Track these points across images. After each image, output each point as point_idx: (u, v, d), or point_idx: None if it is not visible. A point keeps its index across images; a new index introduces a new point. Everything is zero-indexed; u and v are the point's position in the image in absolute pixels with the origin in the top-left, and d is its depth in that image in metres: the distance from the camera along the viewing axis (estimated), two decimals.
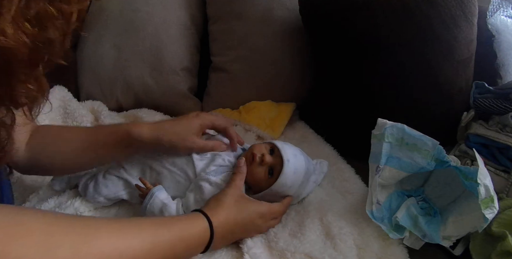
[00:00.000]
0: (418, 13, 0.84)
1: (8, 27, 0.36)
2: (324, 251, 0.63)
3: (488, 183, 0.61)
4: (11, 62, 0.39)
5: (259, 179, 0.69)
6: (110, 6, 1.22)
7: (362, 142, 0.73)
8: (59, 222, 0.45)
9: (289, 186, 0.69)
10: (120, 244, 0.47)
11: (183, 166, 0.70)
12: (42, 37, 0.40)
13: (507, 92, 0.79)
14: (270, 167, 0.69)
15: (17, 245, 0.39)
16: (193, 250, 0.59)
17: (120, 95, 1.15)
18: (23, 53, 0.39)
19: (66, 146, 0.69)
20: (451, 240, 0.66)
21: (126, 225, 0.51)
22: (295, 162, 0.69)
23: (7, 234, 0.39)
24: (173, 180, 0.71)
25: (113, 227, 0.49)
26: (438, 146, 0.66)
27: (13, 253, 0.38)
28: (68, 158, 0.69)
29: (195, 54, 1.20)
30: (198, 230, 0.58)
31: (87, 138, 0.69)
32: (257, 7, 1.09)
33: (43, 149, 0.67)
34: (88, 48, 1.19)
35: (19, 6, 0.36)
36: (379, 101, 0.89)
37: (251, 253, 0.61)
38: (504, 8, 0.93)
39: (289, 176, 0.68)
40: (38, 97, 0.47)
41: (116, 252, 0.46)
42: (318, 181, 0.78)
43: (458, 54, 0.86)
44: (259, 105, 1.07)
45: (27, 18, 0.38)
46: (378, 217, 0.69)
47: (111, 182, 0.72)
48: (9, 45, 0.37)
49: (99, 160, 0.72)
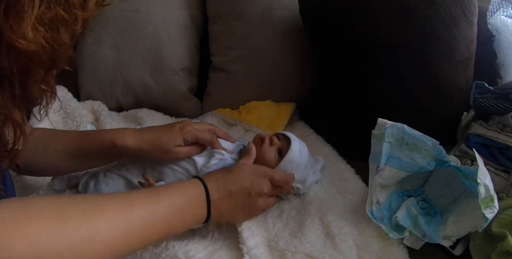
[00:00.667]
0: (418, 13, 0.84)
1: (29, 31, 0.38)
2: (324, 251, 0.63)
3: (488, 183, 0.61)
4: (30, 64, 0.42)
5: (270, 160, 0.71)
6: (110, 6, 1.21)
7: (362, 142, 0.73)
8: (66, 201, 0.47)
9: (296, 164, 0.71)
10: (110, 224, 0.47)
11: (184, 163, 0.70)
12: (57, 40, 0.42)
13: (507, 92, 0.79)
14: (279, 149, 0.72)
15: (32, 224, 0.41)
16: (192, 217, 0.58)
17: (120, 95, 1.15)
18: (41, 56, 0.41)
19: (55, 151, 0.70)
20: (451, 240, 0.66)
21: (119, 203, 0.50)
22: (300, 143, 0.73)
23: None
24: (175, 177, 0.71)
25: (107, 204, 0.49)
26: (438, 146, 0.66)
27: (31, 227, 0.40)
28: (58, 162, 0.71)
29: (195, 54, 1.20)
30: (192, 196, 0.57)
31: (74, 145, 0.71)
32: (257, 7, 1.09)
33: (35, 151, 0.68)
34: (88, 49, 1.19)
35: (39, 10, 0.39)
36: (379, 101, 0.89)
37: (251, 254, 0.61)
38: (504, 8, 0.93)
39: (296, 154, 0.71)
40: (49, 97, 0.50)
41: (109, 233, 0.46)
42: (317, 172, 0.78)
43: (458, 54, 0.86)
44: (259, 105, 1.07)
45: (45, 22, 0.40)
46: (378, 217, 0.69)
47: (111, 181, 0.72)
48: (30, 49, 0.39)
49: (88, 165, 0.75)
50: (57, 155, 0.70)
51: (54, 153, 0.70)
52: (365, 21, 0.86)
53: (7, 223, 0.40)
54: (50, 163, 0.71)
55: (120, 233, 0.47)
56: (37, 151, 0.68)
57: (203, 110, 1.16)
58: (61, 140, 0.72)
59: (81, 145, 0.70)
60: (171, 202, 0.55)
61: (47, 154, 0.70)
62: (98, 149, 0.69)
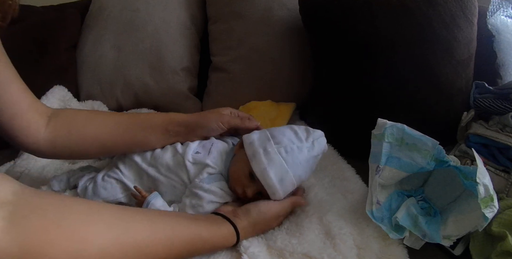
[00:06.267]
0: (418, 13, 0.84)
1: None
2: (324, 251, 0.63)
3: (488, 182, 0.61)
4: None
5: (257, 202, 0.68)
6: (110, 6, 1.22)
7: (362, 142, 0.73)
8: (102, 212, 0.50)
9: (286, 191, 0.67)
10: (139, 236, 0.51)
11: (178, 171, 0.71)
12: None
13: (507, 92, 0.79)
14: (258, 192, 0.68)
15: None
16: (217, 249, 0.63)
17: (120, 95, 1.15)
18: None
19: (99, 128, 0.70)
20: (452, 240, 0.66)
21: (148, 217, 0.56)
22: (276, 172, 0.65)
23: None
24: (169, 185, 0.71)
25: (138, 218, 0.54)
26: (438, 145, 0.66)
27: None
28: (100, 141, 0.70)
29: (195, 54, 1.20)
30: (222, 233, 0.61)
31: (124, 120, 0.72)
32: (257, 7, 1.09)
33: (69, 132, 0.68)
34: (88, 48, 1.20)
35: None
36: (379, 101, 0.89)
37: (249, 253, 0.61)
38: (504, 8, 0.93)
39: (279, 189, 0.66)
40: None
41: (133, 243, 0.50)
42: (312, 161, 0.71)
43: (458, 54, 0.86)
44: (259, 105, 1.07)
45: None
46: (378, 217, 0.69)
47: (110, 185, 0.72)
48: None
49: (132, 144, 0.73)
50: (104, 125, 0.71)
51: (101, 122, 0.71)
52: (365, 21, 0.86)
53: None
54: (90, 141, 0.70)
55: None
56: (73, 128, 0.69)
57: (203, 111, 1.16)
58: (107, 116, 0.75)
59: (134, 119, 0.73)
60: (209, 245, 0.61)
61: (89, 129, 0.70)
62: (156, 123, 0.72)
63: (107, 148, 0.72)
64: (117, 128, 0.71)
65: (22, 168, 0.86)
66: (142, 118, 0.75)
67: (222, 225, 0.62)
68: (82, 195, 0.73)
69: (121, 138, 0.71)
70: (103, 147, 0.71)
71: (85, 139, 0.70)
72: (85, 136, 0.69)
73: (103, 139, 0.70)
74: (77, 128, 0.69)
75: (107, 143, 0.71)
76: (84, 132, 0.70)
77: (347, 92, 0.93)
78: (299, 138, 0.69)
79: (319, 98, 1.01)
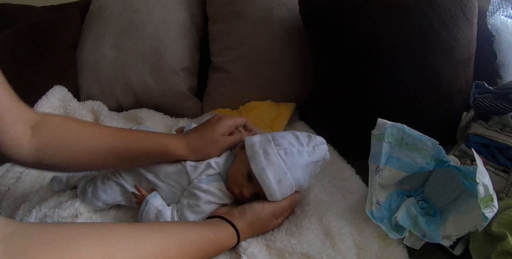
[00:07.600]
0: (418, 13, 0.84)
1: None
2: (323, 251, 0.63)
3: (487, 182, 0.61)
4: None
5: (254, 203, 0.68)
6: (110, 6, 1.22)
7: (362, 142, 0.73)
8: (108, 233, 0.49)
9: (284, 193, 0.67)
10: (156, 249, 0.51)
11: (177, 177, 0.71)
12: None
13: (507, 92, 0.79)
14: (255, 194, 0.68)
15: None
16: (223, 250, 0.63)
17: (120, 95, 1.15)
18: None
19: (93, 147, 0.66)
20: (451, 239, 0.66)
21: (156, 229, 0.56)
22: (274, 173, 0.65)
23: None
24: (169, 191, 0.71)
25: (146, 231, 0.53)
26: (438, 146, 0.66)
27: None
28: (80, 157, 0.65)
29: (195, 54, 1.20)
30: (224, 234, 0.62)
31: (118, 143, 0.67)
32: (257, 7, 1.09)
33: (51, 142, 0.63)
34: (88, 48, 1.19)
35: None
36: (379, 101, 0.89)
37: (248, 253, 0.61)
38: (504, 8, 0.93)
39: (276, 190, 0.65)
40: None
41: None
42: (313, 167, 0.71)
43: (458, 54, 0.86)
44: (259, 105, 1.07)
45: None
46: (378, 217, 0.69)
47: (109, 188, 0.72)
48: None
49: (116, 165, 0.71)
50: (95, 151, 0.66)
51: (92, 149, 0.65)
52: (365, 21, 0.86)
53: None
54: (82, 158, 0.65)
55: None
56: (65, 144, 0.64)
57: (203, 110, 1.17)
58: (95, 133, 0.67)
59: (127, 143, 0.68)
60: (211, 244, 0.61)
61: (79, 149, 0.65)
62: (146, 150, 0.69)
63: (96, 168, 0.72)
64: (109, 157, 0.67)
65: (22, 168, 0.86)
66: (138, 146, 0.69)
67: (223, 226, 0.62)
68: (81, 196, 0.73)
69: (112, 164, 0.69)
70: (91, 167, 0.71)
71: (72, 161, 0.65)
72: (72, 158, 0.65)
73: (93, 164, 0.68)
74: (65, 148, 0.64)
75: (96, 166, 0.70)
76: (72, 156, 0.65)
77: (347, 92, 0.93)
78: (300, 142, 0.69)
79: (319, 98, 1.01)
